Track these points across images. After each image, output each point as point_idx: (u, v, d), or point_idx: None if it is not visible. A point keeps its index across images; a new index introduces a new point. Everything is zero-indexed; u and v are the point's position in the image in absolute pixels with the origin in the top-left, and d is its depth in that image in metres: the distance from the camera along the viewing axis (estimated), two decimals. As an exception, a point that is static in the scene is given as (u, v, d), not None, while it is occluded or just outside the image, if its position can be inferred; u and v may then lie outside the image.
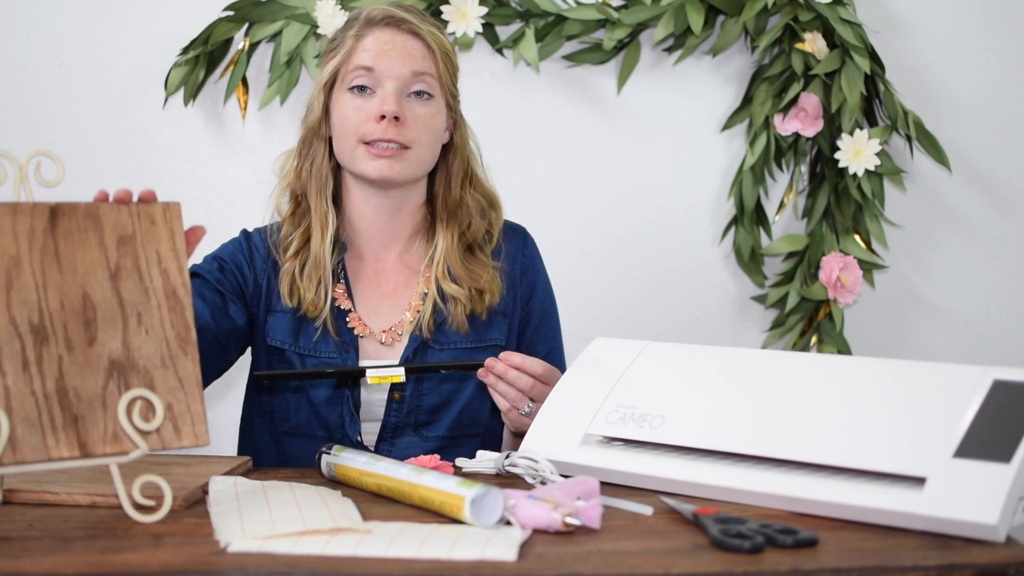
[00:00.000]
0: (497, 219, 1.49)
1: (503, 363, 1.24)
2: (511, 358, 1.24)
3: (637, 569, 0.80)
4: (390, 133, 1.35)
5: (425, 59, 1.38)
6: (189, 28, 1.91)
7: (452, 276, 1.42)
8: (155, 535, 0.89)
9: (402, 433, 1.40)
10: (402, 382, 1.36)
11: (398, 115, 1.34)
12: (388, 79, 1.36)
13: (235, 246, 1.46)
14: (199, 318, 1.34)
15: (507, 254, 1.48)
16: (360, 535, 0.86)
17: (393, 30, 1.37)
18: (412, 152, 1.37)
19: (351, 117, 1.37)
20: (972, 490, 0.88)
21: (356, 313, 1.41)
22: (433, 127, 1.39)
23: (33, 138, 1.94)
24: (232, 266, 1.43)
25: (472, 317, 1.41)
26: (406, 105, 1.37)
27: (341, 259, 1.43)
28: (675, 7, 1.93)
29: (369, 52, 1.37)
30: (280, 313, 1.41)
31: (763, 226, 2.03)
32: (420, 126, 1.37)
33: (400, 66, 1.36)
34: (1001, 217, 2.10)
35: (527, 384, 1.24)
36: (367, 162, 1.37)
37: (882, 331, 2.10)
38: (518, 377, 1.24)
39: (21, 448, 0.89)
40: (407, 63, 1.36)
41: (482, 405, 1.43)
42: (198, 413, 0.95)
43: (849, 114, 1.93)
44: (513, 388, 1.24)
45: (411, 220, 1.47)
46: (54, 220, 0.94)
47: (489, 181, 1.50)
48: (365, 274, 1.45)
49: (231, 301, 1.40)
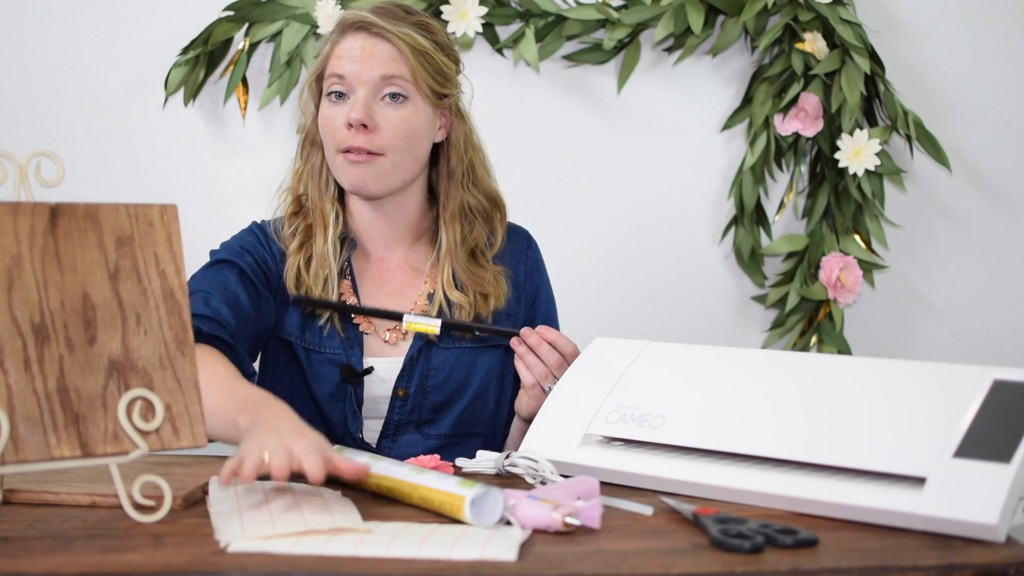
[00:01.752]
0: (501, 221, 1.48)
1: (537, 335, 1.25)
2: (547, 333, 1.26)
3: (637, 569, 0.80)
4: (359, 141, 1.34)
5: (395, 61, 1.35)
6: (189, 28, 1.91)
7: (456, 282, 1.42)
8: (155, 535, 0.89)
9: (404, 431, 1.40)
10: (406, 379, 1.37)
11: (365, 122, 1.33)
12: (359, 85, 1.35)
13: (254, 239, 1.43)
14: (243, 308, 1.33)
15: (511, 257, 1.48)
16: (360, 535, 0.86)
17: (364, 35, 1.36)
18: (385, 159, 1.36)
19: (327, 126, 1.38)
20: (972, 490, 0.88)
21: None
22: (407, 130, 1.36)
23: (33, 138, 1.94)
24: (259, 261, 1.41)
25: (477, 320, 1.41)
26: (378, 110, 1.35)
27: (348, 256, 1.43)
28: (675, 7, 1.93)
29: (341, 59, 1.36)
30: (290, 308, 1.41)
31: (763, 226, 2.03)
32: (392, 131, 1.35)
33: (368, 71, 1.35)
34: (1001, 217, 2.10)
35: (556, 361, 1.25)
36: (344, 171, 1.37)
37: (882, 331, 2.10)
38: (549, 352, 1.26)
39: (23, 447, 0.89)
40: (376, 67, 1.35)
41: (485, 404, 1.43)
42: (196, 414, 0.96)
43: (849, 114, 1.93)
44: (542, 363, 1.25)
45: (414, 221, 1.46)
46: (54, 220, 0.94)
47: (493, 181, 1.49)
48: (371, 272, 1.45)
49: (264, 298, 1.39)
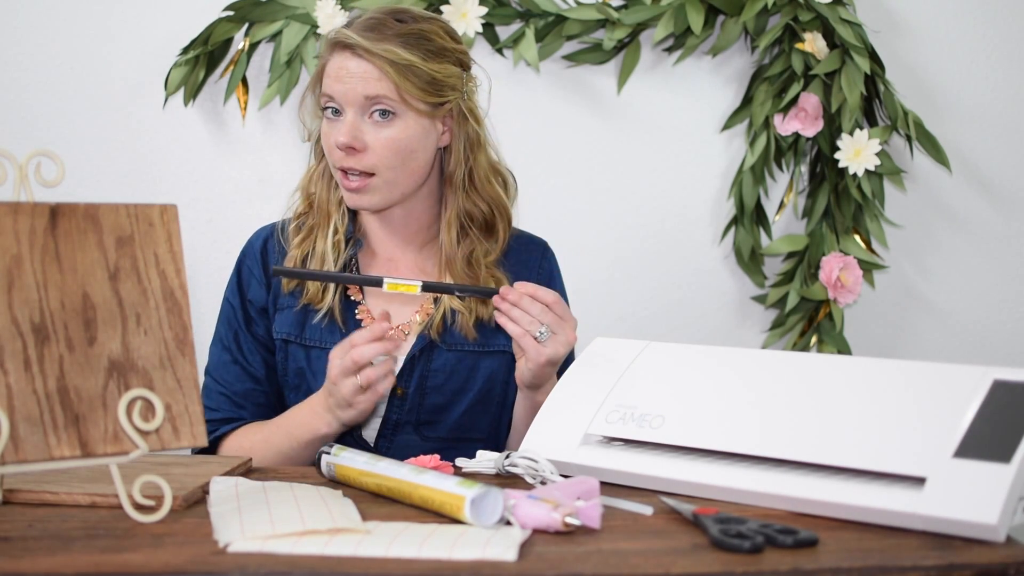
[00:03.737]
0: (505, 229, 1.47)
1: (516, 291, 1.26)
2: (524, 286, 1.27)
3: (637, 569, 0.80)
4: (349, 162, 1.35)
5: (379, 81, 1.33)
6: (189, 28, 1.91)
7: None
8: (155, 535, 0.89)
9: (402, 431, 1.40)
10: (400, 379, 1.37)
11: (352, 144, 1.34)
12: (347, 105, 1.35)
13: (236, 279, 1.46)
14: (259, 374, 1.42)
15: (522, 266, 1.48)
16: (360, 535, 0.86)
17: (346, 54, 1.35)
18: (377, 178, 1.36)
19: (325, 142, 1.39)
20: (972, 490, 0.88)
21: (365, 306, 1.42)
22: (397, 148, 1.36)
23: (33, 138, 1.94)
24: (246, 302, 1.44)
25: (480, 323, 1.42)
26: (366, 129, 1.35)
27: (355, 253, 1.44)
28: (675, 7, 1.93)
29: (330, 78, 1.36)
30: (287, 310, 1.42)
31: (763, 226, 2.03)
32: (381, 150, 1.35)
33: (352, 92, 1.34)
34: (1001, 217, 2.10)
35: (539, 310, 1.26)
36: (344, 192, 1.39)
37: (882, 331, 2.10)
38: (531, 303, 1.26)
39: (23, 447, 0.89)
40: (359, 87, 1.34)
41: (486, 410, 1.43)
42: (196, 414, 0.96)
43: (849, 114, 1.93)
44: (527, 314, 1.26)
45: (423, 226, 1.46)
46: (54, 220, 0.94)
47: (496, 186, 1.47)
48: (377, 270, 1.45)
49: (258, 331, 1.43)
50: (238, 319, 1.44)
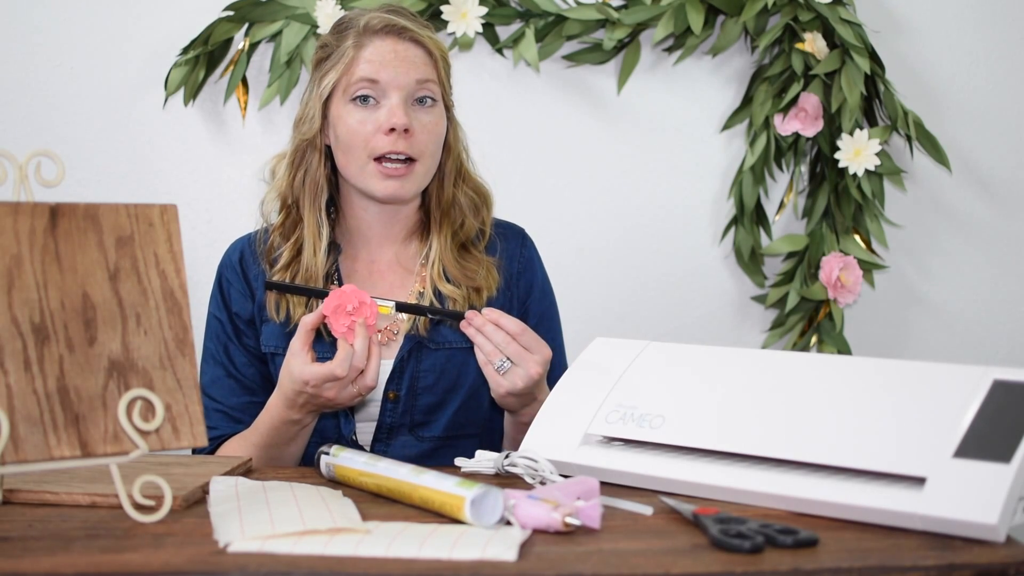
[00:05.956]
0: (489, 214, 1.49)
1: (482, 317, 1.25)
2: (490, 313, 1.26)
3: (637, 569, 0.80)
4: (400, 146, 1.34)
5: (427, 65, 1.37)
6: (189, 28, 1.91)
7: (448, 277, 1.42)
8: (155, 535, 0.89)
9: (398, 433, 1.40)
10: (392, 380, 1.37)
11: (408, 127, 1.34)
12: (393, 90, 1.35)
13: (228, 286, 1.44)
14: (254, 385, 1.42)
15: (505, 255, 1.48)
16: (360, 535, 0.86)
17: (394, 39, 1.36)
18: (419, 164, 1.37)
19: (358, 131, 1.36)
20: (972, 490, 0.88)
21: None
22: (438, 134, 1.39)
23: (33, 138, 1.94)
24: (232, 316, 1.43)
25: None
26: (412, 115, 1.36)
27: (335, 260, 1.43)
28: (675, 7, 1.93)
29: (372, 63, 1.35)
30: (271, 322, 1.41)
31: (763, 226, 2.03)
32: (427, 135, 1.37)
33: (405, 76, 1.35)
34: (1001, 217, 2.10)
35: (502, 339, 1.24)
36: (377, 181, 1.36)
37: (882, 331, 2.10)
38: (494, 331, 1.25)
39: (23, 447, 0.89)
40: (411, 72, 1.35)
41: (478, 405, 1.43)
42: (196, 414, 0.96)
43: (849, 114, 1.93)
44: (489, 342, 1.25)
45: (407, 221, 1.47)
46: (54, 220, 0.94)
47: (479, 176, 1.50)
48: (359, 275, 1.45)
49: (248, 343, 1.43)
50: (227, 332, 1.43)
